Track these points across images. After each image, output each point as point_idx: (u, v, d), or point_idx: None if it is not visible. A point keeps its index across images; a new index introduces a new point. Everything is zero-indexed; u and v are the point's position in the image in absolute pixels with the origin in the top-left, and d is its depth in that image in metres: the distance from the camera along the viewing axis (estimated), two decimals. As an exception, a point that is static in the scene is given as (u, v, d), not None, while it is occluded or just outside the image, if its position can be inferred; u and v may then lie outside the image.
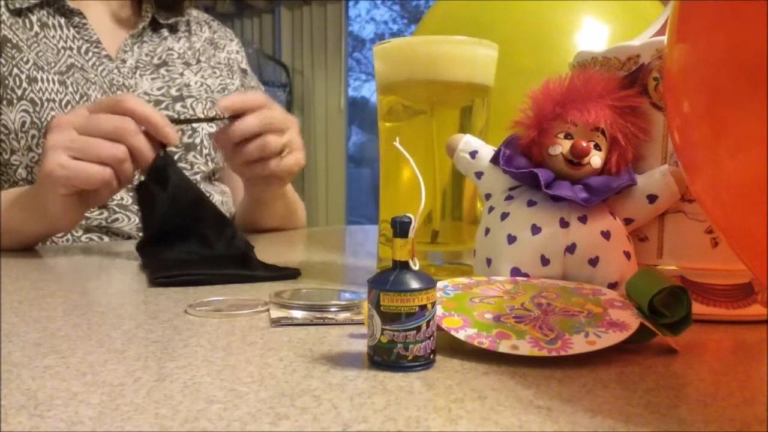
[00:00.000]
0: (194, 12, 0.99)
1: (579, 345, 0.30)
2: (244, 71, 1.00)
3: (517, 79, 0.49)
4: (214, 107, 0.91)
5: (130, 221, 0.84)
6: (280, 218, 0.92)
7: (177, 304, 0.42)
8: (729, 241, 0.26)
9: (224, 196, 0.93)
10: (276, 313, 0.39)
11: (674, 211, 0.40)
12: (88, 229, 0.83)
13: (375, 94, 0.56)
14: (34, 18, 0.84)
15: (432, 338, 0.29)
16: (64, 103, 0.80)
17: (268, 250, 0.77)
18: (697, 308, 0.38)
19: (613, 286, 0.38)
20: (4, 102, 0.79)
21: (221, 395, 0.26)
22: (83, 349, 0.32)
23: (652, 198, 0.40)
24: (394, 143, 0.34)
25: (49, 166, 0.59)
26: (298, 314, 0.38)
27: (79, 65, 0.83)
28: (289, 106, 3.37)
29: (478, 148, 0.45)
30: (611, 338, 0.30)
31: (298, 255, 0.77)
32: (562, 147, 0.39)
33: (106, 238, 0.83)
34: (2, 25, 0.81)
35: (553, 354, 0.29)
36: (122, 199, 0.83)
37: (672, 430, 0.23)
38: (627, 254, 0.39)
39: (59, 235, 0.81)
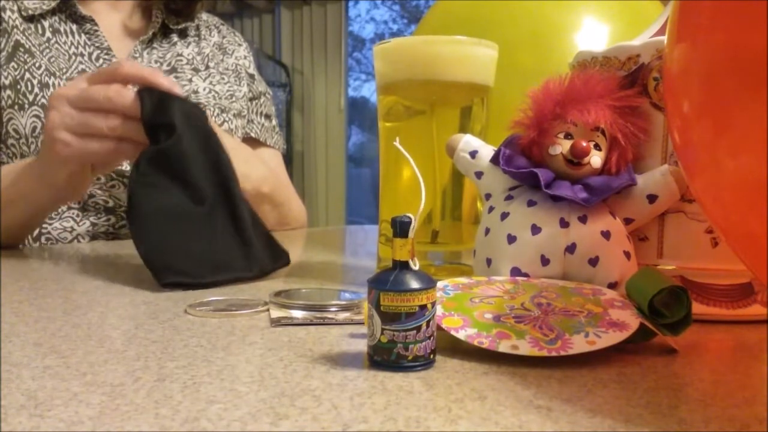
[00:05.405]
0: (204, 16, 0.99)
1: (579, 345, 0.30)
2: (251, 76, 1.00)
3: (517, 79, 0.49)
4: (222, 114, 0.91)
5: None
6: (270, 220, 0.91)
7: (177, 304, 0.42)
8: (729, 241, 0.26)
9: None
10: (276, 313, 0.39)
11: (674, 211, 0.40)
12: (95, 236, 0.83)
13: (375, 94, 0.56)
14: (46, 24, 0.84)
15: (432, 338, 0.29)
16: None
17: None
18: (697, 308, 0.38)
19: (613, 286, 0.38)
20: (16, 107, 0.79)
21: (221, 395, 0.26)
22: (83, 349, 0.32)
23: (652, 198, 0.40)
24: (394, 143, 0.34)
25: (56, 147, 0.59)
26: (298, 314, 0.38)
27: (90, 72, 0.83)
28: (289, 106, 3.37)
29: (478, 148, 0.45)
30: (611, 338, 0.30)
31: (298, 255, 0.77)
32: (562, 147, 0.39)
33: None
34: (15, 30, 0.81)
35: (553, 354, 0.29)
36: None
37: (672, 430, 0.23)
38: (627, 254, 0.39)
39: (67, 240, 0.81)
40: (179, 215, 0.53)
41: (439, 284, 0.35)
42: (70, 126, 0.59)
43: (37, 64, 0.80)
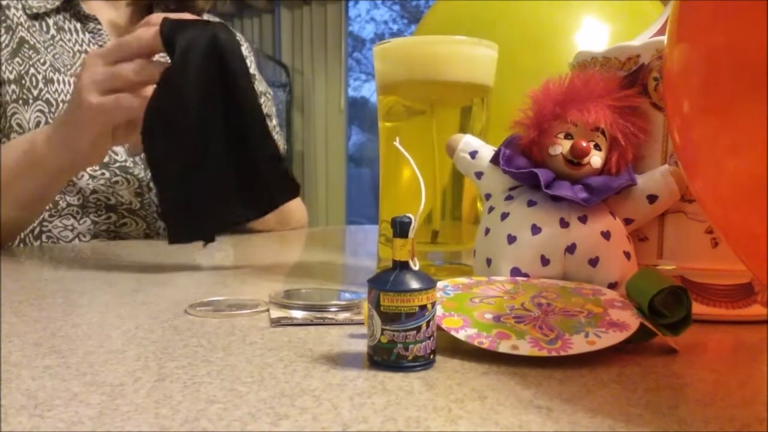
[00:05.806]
0: (205, 16, 1.00)
1: (579, 345, 0.30)
2: (252, 76, 1.01)
3: (517, 79, 0.49)
4: None
5: (138, 226, 0.85)
6: (270, 220, 0.91)
7: (177, 304, 0.42)
8: (729, 241, 0.26)
9: None
10: (276, 313, 0.39)
11: (674, 211, 0.40)
12: (96, 235, 0.83)
13: (375, 94, 0.56)
14: (50, 21, 0.85)
15: (432, 338, 0.29)
16: None
17: (267, 250, 0.77)
18: (697, 308, 0.38)
19: (613, 286, 0.38)
20: (20, 101, 0.79)
21: (221, 395, 0.26)
22: (83, 349, 0.32)
23: (652, 198, 0.40)
24: (394, 143, 0.34)
25: (83, 107, 0.59)
26: (298, 314, 0.38)
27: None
28: (289, 106, 3.37)
29: (478, 148, 0.45)
30: (611, 338, 0.30)
31: (298, 255, 0.77)
32: (562, 147, 0.39)
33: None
34: (20, 27, 0.82)
35: (553, 354, 0.29)
36: (131, 203, 0.83)
37: (672, 430, 0.23)
38: (627, 254, 0.39)
39: (68, 239, 0.81)
40: (190, 161, 0.54)
41: (439, 284, 0.35)
42: (99, 82, 0.59)
43: (41, 60, 0.81)
